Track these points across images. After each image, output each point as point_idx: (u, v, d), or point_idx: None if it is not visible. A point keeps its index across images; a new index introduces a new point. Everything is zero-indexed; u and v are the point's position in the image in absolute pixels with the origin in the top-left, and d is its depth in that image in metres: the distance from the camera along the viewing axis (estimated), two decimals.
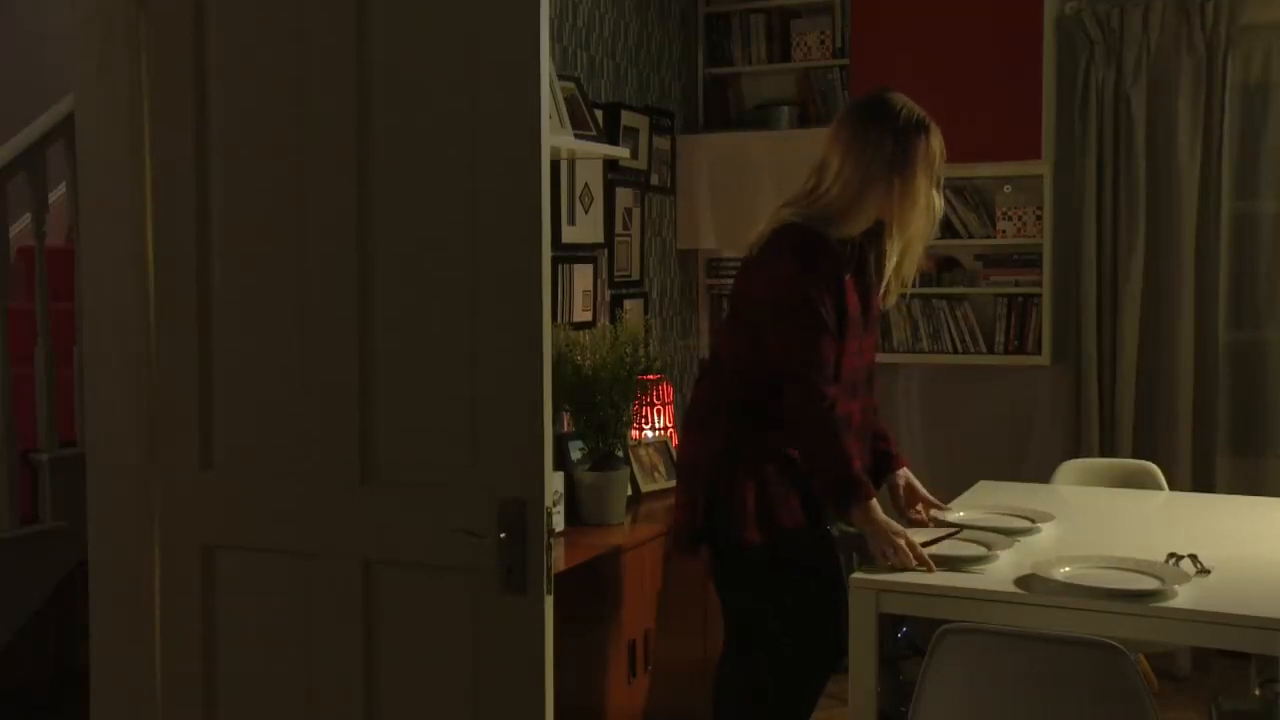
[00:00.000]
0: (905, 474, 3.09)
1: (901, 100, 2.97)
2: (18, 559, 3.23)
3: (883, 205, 2.85)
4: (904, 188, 2.83)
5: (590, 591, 3.26)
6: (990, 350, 4.61)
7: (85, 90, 2.32)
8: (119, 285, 2.28)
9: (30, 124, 3.40)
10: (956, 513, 3.08)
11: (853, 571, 2.68)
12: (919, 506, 3.03)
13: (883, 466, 3.09)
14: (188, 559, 2.27)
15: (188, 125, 2.20)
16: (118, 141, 2.26)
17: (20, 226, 3.97)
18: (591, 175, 4.18)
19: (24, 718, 3.48)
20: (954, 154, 4.49)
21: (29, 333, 3.40)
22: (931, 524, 2.97)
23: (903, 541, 2.65)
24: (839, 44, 4.75)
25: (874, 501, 2.73)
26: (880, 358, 4.69)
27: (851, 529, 2.93)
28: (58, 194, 4.06)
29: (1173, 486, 3.82)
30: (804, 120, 4.81)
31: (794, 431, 2.80)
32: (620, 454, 3.67)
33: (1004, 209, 4.55)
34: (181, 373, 2.25)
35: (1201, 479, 4.33)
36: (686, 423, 3.04)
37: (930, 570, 2.60)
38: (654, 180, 4.63)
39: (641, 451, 4.02)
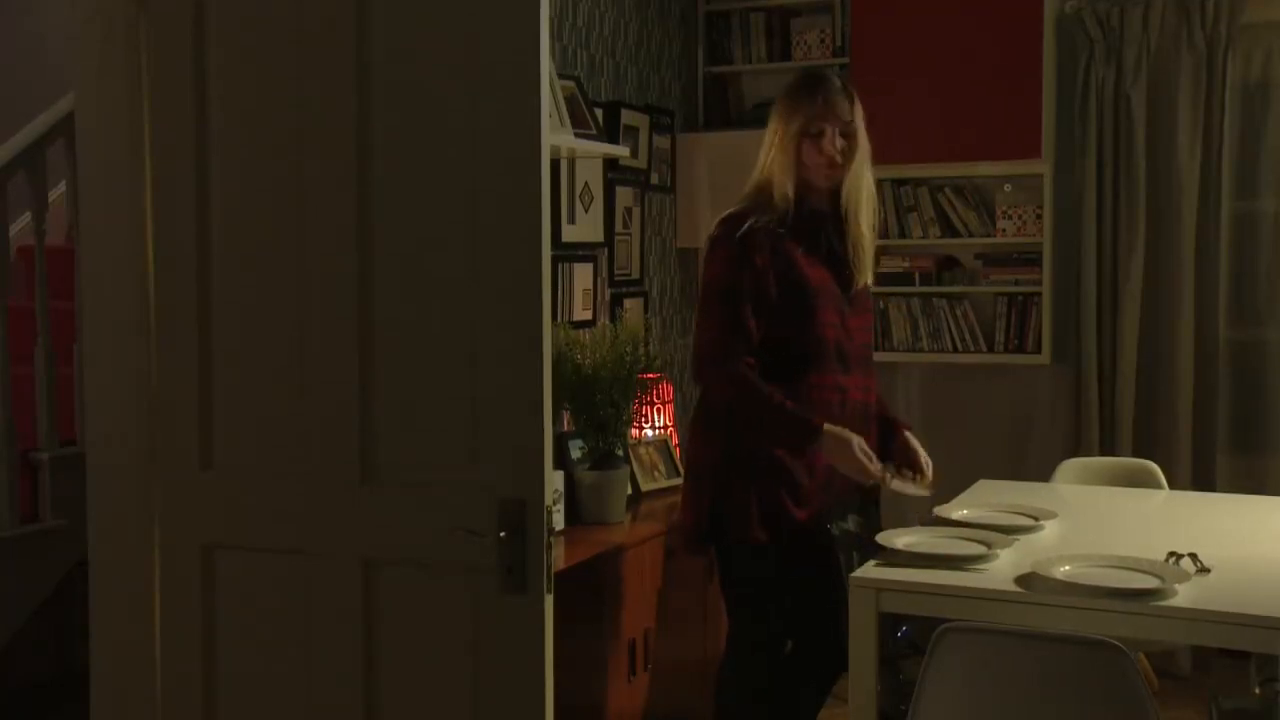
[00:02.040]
0: (905, 436, 3.11)
1: (807, 72, 3.08)
2: (18, 558, 3.23)
3: (780, 167, 2.90)
4: (788, 144, 2.90)
5: (590, 591, 3.26)
6: (990, 349, 4.61)
7: (85, 90, 2.32)
8: (119, 285, 2.28)
9: (31, 122, 3.39)
10: (959, 511, 3.08)
11: (852, 571, 2.68)
12: (907, 470, 3.03)
13: (887, 435, 3.09)
14: (188, 559, 2.27)
15: (188, 125, 2.20)
16: (118, 141, 2.26)
17: (20, 225, 3.97)
18: (591, 174, 4.18)
19: (24, 717, 3.48)
20: (954, 153, 4.54)
21: (28, 332, 3.40)
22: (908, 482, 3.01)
23: (855, 444, 2.81)
24: (839, 43, 4.75)
25: (828, 426, 2.82)
26: (880, 356, 4.70)
27: (851, 528, 2.93)
28: (57, 192, 4.05)
29: (1173, 485, 3.82)
30: None
31: (729, 410, 2.88)
32: (620, 453, 3.67)
33: (1004, 208, 4.54)
34: (181, 372, 2.25)
35: (1201, 478, 4.33)
36: (692, 422, 3.06)
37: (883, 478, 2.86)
38: (654, 179, 4.63)
39: (641, 450, 4.02)
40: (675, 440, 4.18)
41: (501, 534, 1.95)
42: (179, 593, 2.27)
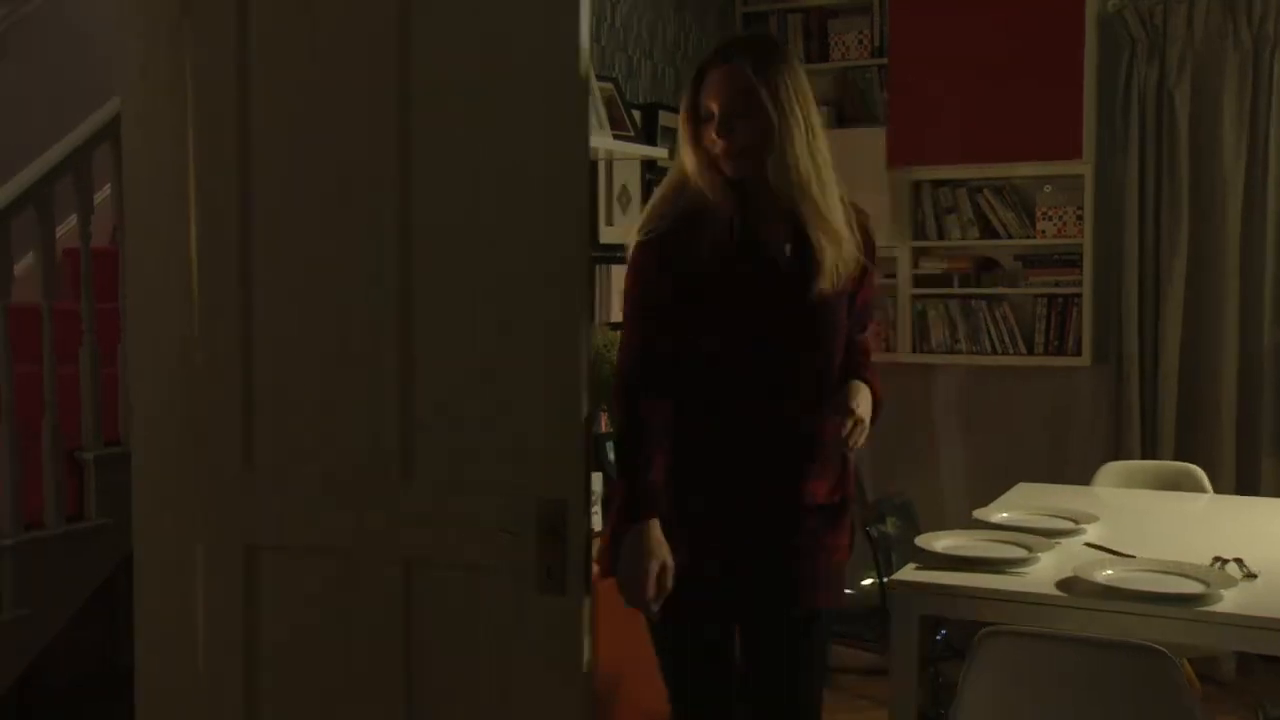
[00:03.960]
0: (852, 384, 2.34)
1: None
2: (64, 555, 3.27)
3: (688, 161, 2.31)
4: (683, 132, 2.32)
5: None
6: (1030, 351, 4.57)
7: (129, 92, 2.34)
8: (163, 286, 2.30)
9: (77, 127, 3.44)
10: (999, 514, 3.06)
11: (892, 574, 2.67)
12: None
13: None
14: (230, 558, 2.28)
15: (231, 126, 2.21)
16: (161, 144, 2.28)
17: (65, 228, 4.02)
18: (629, 176, 4.18)
19: (69, 714, 3.52)
20: (993, 153, 4.51)
21: (74, 333, 3.44)
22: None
23: (652, 568, 2.21)
24: (877, 43, 4.73)
25: (636, 532, 2.22)
26: (918, 358, 4.70)
27: (889, 530, 2.92)
28: (101, 195, 4.10)
29: (1216, 489, 3.77)
30: (841, 120, 4.79)
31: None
32: None
33: (1044, 209, 4.51)
34: (224, 372, 2.26)
35: (1245, 481, 4.28)
36: None
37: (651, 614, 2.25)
38: None
39: None
40: None
41: (541, 535, 1.96)
42: (222, 591, 2.29)
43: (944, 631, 3.09)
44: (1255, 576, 2.52)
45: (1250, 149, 4.27)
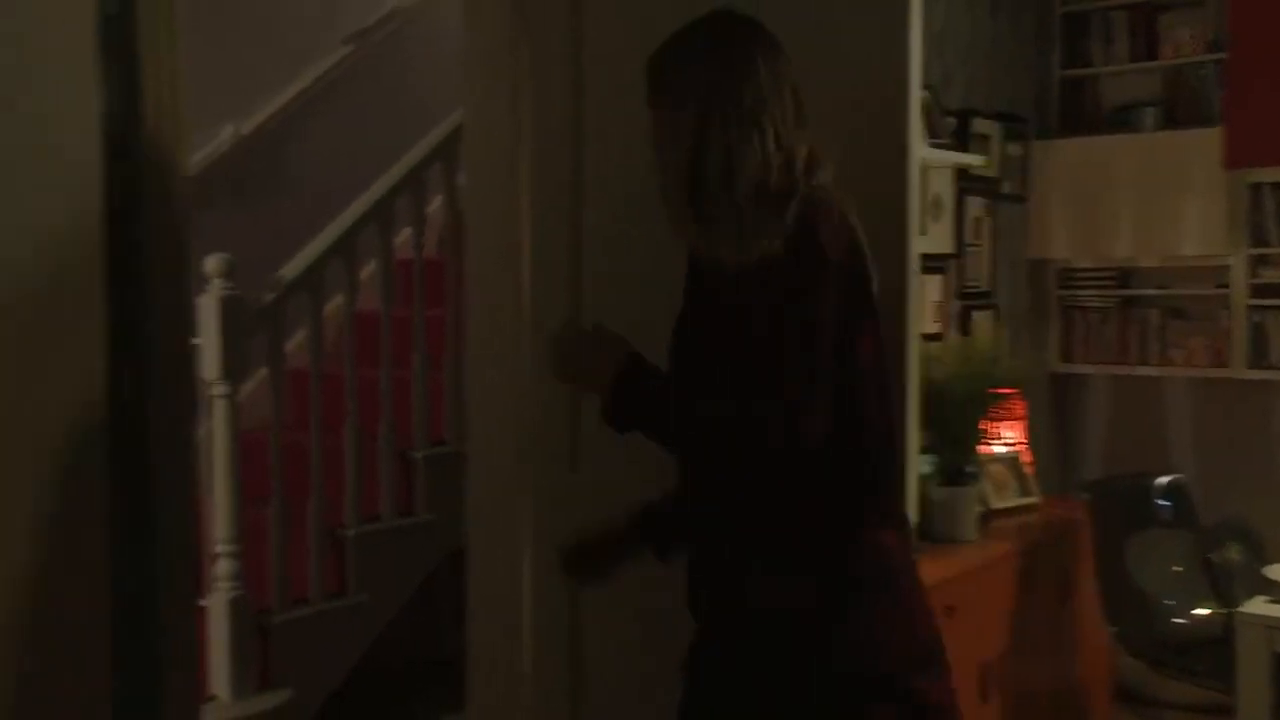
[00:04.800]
0: None
1: None
2: (397, 548, 3.50)
3: None
4: None
5: (940, 610, 3.17)
6: None
7: (470, 113, 2.48)
8: (499, 296, 2.42)
9: (413, 148, 3.68)
10: None
11: (1235, 605, 2.48)
12: None
13: None
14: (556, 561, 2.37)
15: (566, 146, 2.30)
16: (500, 160, 2.40)
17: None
18: (942, 184, 4.08)
19: (395, 699, 3.74)
20: None
21: (400, 338, 3.66)
22: None
23: None
24: (1212, 37, 4.42)
25: None
26: (1255, 375, 4.35)
27: (1234, 557, 2.72)
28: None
29: None
30: (1171, 121, 4.51)
31: None
32: (971, 469, 3.55)
33: None
34: (553, 384, 2.35)
35: None
36: None
37: None
38: (1005, 188, 4.47)
39: (992, 467, 3.89)
40: (1027, 458, 4.02)
41: None
42: (547, 593, 2.38)
43: None
44: None
45: None
